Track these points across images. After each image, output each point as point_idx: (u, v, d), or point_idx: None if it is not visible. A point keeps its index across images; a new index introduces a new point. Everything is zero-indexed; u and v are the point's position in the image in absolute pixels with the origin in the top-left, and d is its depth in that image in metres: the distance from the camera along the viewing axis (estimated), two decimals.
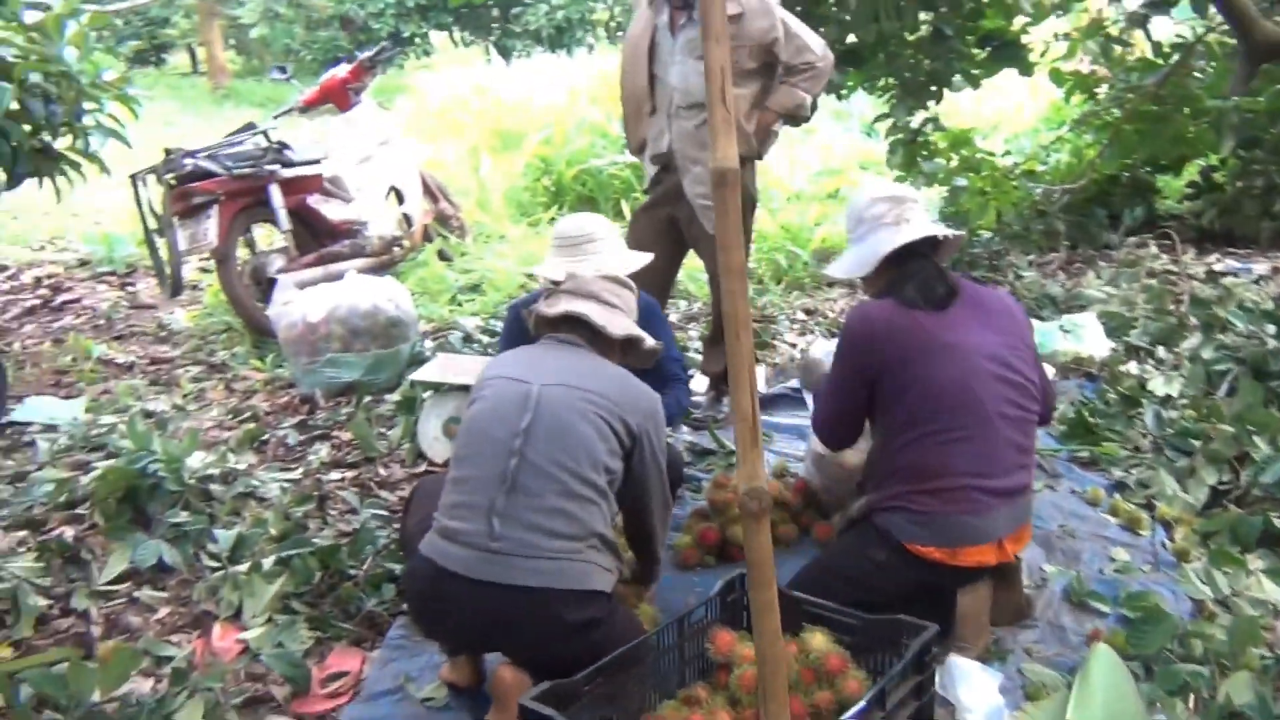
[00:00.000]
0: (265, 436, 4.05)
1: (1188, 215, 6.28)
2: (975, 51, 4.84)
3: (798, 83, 3.43)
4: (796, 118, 3.58)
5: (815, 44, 3.43)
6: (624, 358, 2.54)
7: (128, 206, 8.28)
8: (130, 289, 6.43)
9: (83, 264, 6.98)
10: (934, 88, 4.92)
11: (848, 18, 4.86)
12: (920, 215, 2.50)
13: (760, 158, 3.68)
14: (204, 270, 6.30)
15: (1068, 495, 3.26)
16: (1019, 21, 4.96)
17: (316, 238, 5.48)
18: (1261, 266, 5.41)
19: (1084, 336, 4.34)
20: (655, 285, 3.51)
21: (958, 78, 4.99)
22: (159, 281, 5.11)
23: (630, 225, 3.96)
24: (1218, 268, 5.48)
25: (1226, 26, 5.19)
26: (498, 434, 2.25)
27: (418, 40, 15.69)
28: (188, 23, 20.08)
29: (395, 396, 4.31)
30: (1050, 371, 4.26)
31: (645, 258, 2.89)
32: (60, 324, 5.71)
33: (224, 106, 16.44)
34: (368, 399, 4.31)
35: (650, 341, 2.57)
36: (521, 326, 3.12)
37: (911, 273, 2.44)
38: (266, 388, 4.61)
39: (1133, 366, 4.09)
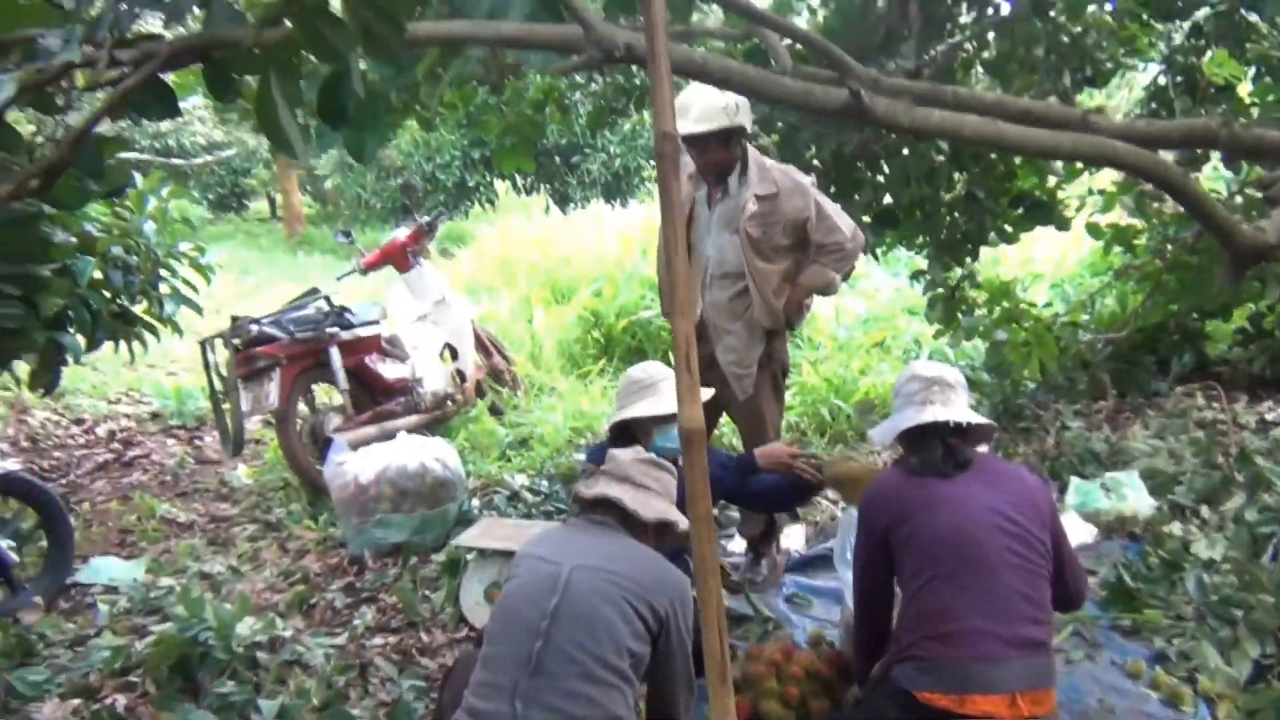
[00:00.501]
0: (313, 600, 4.15)
1: (1238, 361, 6.22)
2: (1009, 211, 4.96)
3: (828, 263, 3.58)
4: (826, 294, 3.72)
5: (845, 226, 3.58)
6: (658, 540, 2.62)
7: (199, 362, 8.73)
8: (198, 443, 6.68)
9: (154, 417, 7.29)
10: (969, 245, 5.03)
11: (881, 180, 5.04)
12: (951, 399, 2.61)
13: (793, 329, 3.82)
14: (267, 424, 6.55)
15: (1108, 667, 3.20)
16: (1052, 179, 5.08)
17: (373, 396, 5.71)
18: None
19: (1127, 495, 4.30)
20: None
21: (992, 235, 5.11)
22: (222, 441, 5.33)
23: None
24: (1269, 416, 5.40)
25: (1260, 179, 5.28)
26: (526, 614, 2.33)
27: (482, 189, 16.38)
28: (267, 173, 21.28)
29: (441, 557, 4.41)
30: (1093, 532, 4.23)
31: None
32: (129, 480, 5.95)
33: (297, 254, 17.20)
34: (414, 560, 4.42)
35: (684, 524, 2.64)
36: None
37: (922, 450, 2.56)
38: (319, 547, 4.74)
39: (1176, 527, 4.02)
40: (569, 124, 5.39)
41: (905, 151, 4.61)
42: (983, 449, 2.86)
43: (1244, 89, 5.38)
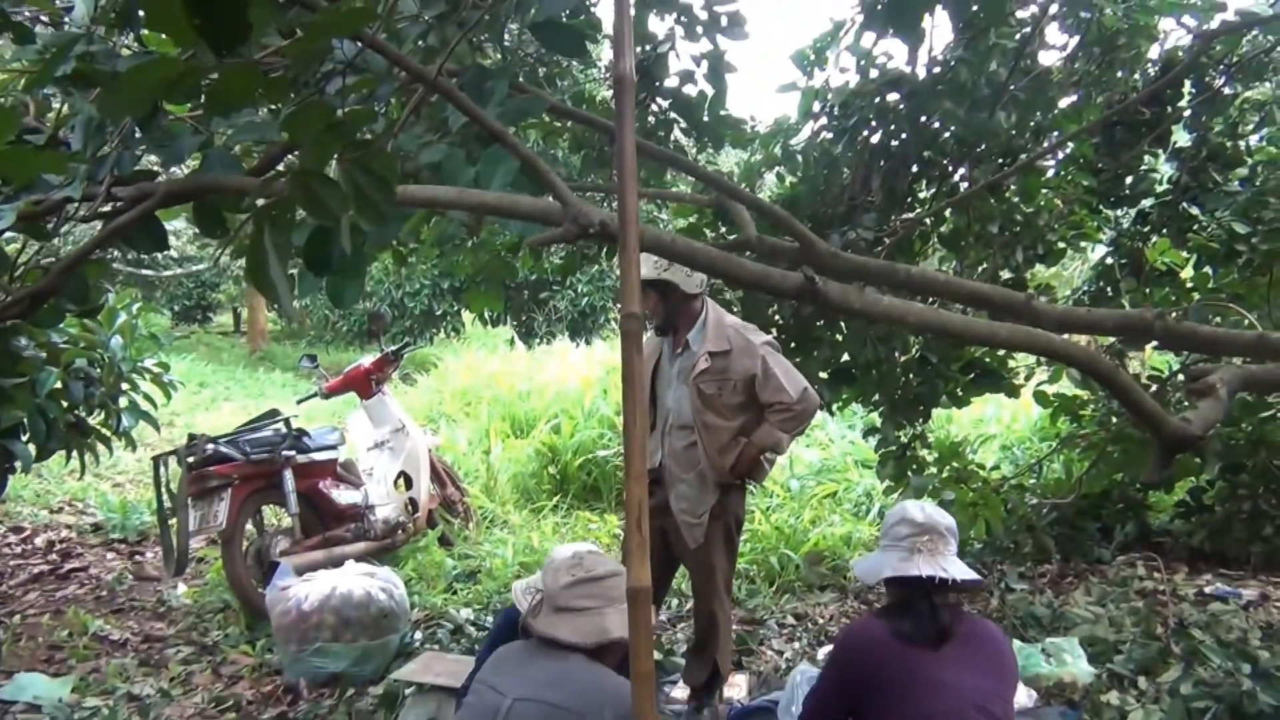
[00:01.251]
0: None
1: (1179, 533, 6.38)
2: (960, 375, 5.15)
3: (775, 422, 3.66)
4: (776, 452, 3.81)
5: (793, 387, 3.64)
6: (611, 659, 2.60)
7: (148, 475, 8.62)
8: (138, 559, 6.55)
9: (96, 529, 7.16)
10: (921, 406, 5.20)
11: (839, 339, 5.23)
12: (939, 548, 2.55)
13: (755, 482, 3.90)
14: (212, 543, 6.45)
15: None
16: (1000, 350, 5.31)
17: (323, 521, 5.68)
18: (1251, 591, 5.44)
19: (1067, 661, 4.34)
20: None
21: (944, 398, 5.29)
22: (165, 559, 5.25)
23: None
24: (1208, 590, 5.51)
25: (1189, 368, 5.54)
26: None
27: (449, 318, 16.60)
28: (236, 288, 21.44)
29: (379, 690, 4.33)
30: (1033, 696, 4.25)
31: None
32: (64, 593, 5.81)
33: (258, 370, 17.18)
34: (351, 691, 4.33)
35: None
36: (512, 631, 3.23)
37: (906, 604, 2.53)
38: (253, 674, 4.63)
39: (1114, 696, 4.07)
40: (540, 268, 5.56)
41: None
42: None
43: (1186, 273, 5.71)
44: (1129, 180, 5.84)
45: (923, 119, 4.78)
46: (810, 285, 2.20)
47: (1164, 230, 5.80)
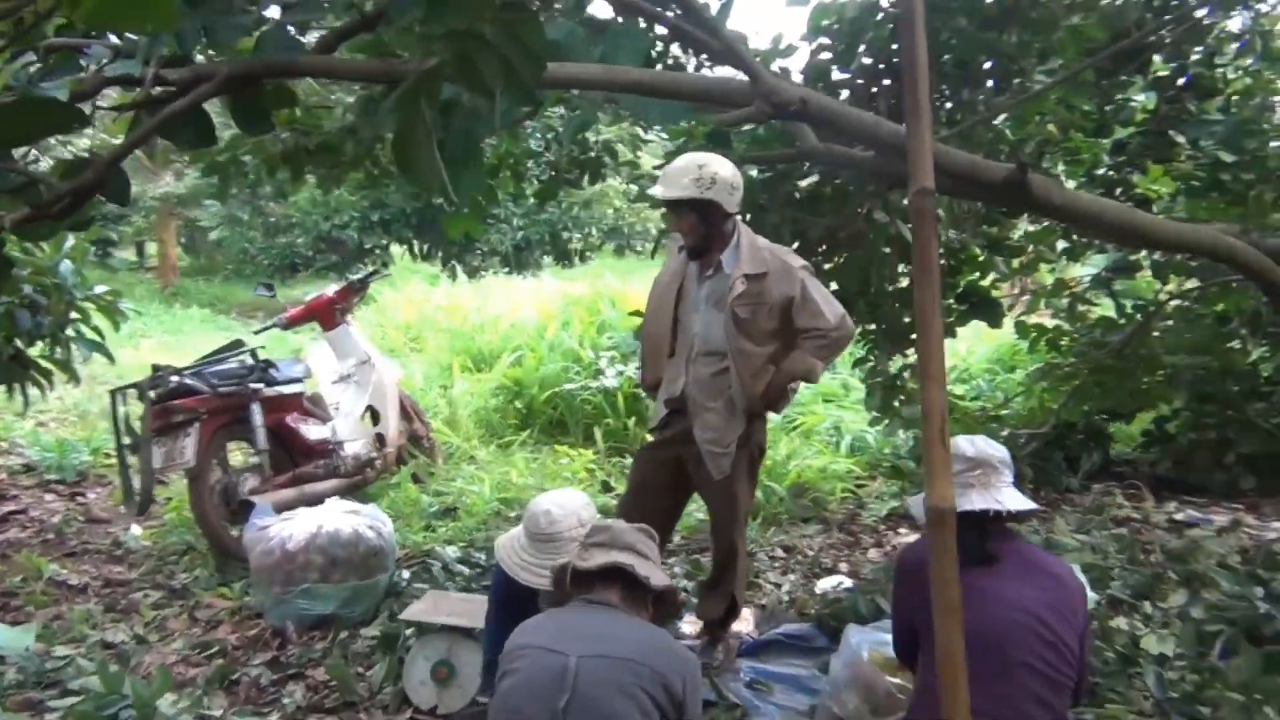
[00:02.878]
0: (236, 675, 3.81)
1: (1142, 463, 6.50)
2: (953, 305, 5.09)
3: (810, 349, 3.51)
4: (808, 380, 3.68)
5: (831, 313, 3.49)
6: (655, 616, 2.49)
7: (75, 413, 8.13)
8: (81, 500, 6.17)
9: (28, 470, 6.73)
10: (914, 336, 5.13)
11: (828, 267, 5.12)
12: (992, 481, 2.50)
13: (778, 412, 3.76)
14: (160, 482, 6.09)
15: None
16: (990, 278, 5.26)
17: (291, 457, 5.39)
18: (1221, 518, 5.56)
19: None
20: (658, 527, 3.48)
21: None
22: (125, 500, 4.92)
23: (635, 464, 3.96)
24: (1178, 517, 5.62)
25: (1190, 290, 5.60)
26: (534, 713, 2.15)
27: (378, 252, 16.04)
28: (144, 221, 20.35)
29: (373, 631, 4.14)
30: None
31: None
32: (5, 537, 5.43)
33: (173, 306, 16.43)
34: (344, 634, 4.13)
35: (678, 599, 2.53)
36: (510, 585, 3.08)
37: (958, 535, 2.47)
38: (233, 618, 4.38)
39: (1121, 622, 4.10)
40: (519, 192, 5.30)
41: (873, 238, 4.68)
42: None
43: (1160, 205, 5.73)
44: (1108, 109, 5.82)
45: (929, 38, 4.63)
46: (1021, 175, 2.06)
47: (1148, 158, 5.79)
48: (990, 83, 5.07)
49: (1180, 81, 5.79)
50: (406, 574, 4.66)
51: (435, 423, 6.87)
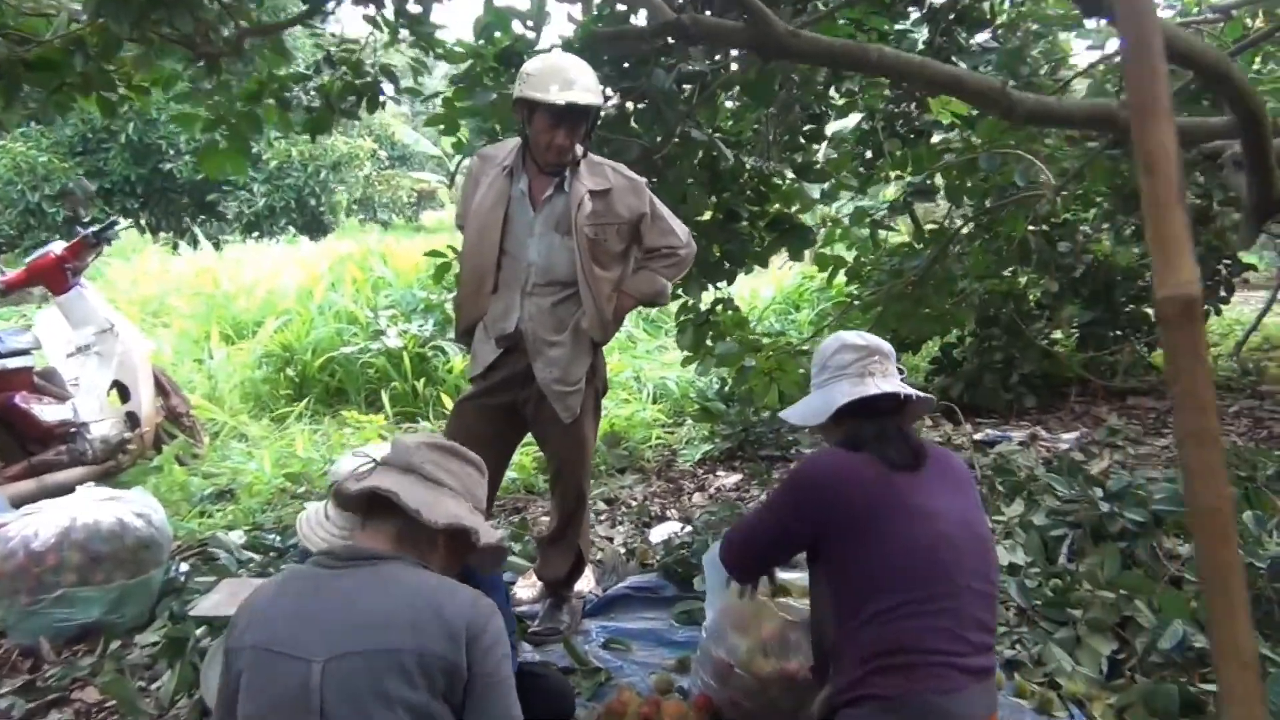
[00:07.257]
0: None
1: (935, 389, 6.70)
2: (765, 233, 4.93)
3: (658, 268, 3.21)
4: (655, 304, 3.37)
5: (680, 231, 3.24)
6: (455, 559, 1.93)
7: None
8: None
9: None
10: (727, 267, 4.93)
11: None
12: (889, 370, 2.26)
13: (605, 343, 3.40)
14: None
15: None
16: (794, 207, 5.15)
17: (23, 444, 4.52)
18: (1019, 434, 5.78)
19: None
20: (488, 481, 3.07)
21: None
22: None
23: (454, 417, 3.47)
24: (978, 437, 5.79)
25: (984, 215, 5.71)
26: None
27: (97, 223, 14.30)
28: None
29: (151, 637, 3.48)
30: None
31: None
32: None
33: None
34: (116, 644, 3.44)
35: (493, 537, 1.95)
36: None
37: (874, 429, 2.19)
38: None
39: None
40: (285, 123, 4.62)
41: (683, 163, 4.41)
42: None
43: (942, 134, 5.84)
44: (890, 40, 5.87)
45: None
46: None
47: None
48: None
49: (950, 17, 5.93)
50: (185, 567, 3.98)
51: (194, 398, 6.06)
